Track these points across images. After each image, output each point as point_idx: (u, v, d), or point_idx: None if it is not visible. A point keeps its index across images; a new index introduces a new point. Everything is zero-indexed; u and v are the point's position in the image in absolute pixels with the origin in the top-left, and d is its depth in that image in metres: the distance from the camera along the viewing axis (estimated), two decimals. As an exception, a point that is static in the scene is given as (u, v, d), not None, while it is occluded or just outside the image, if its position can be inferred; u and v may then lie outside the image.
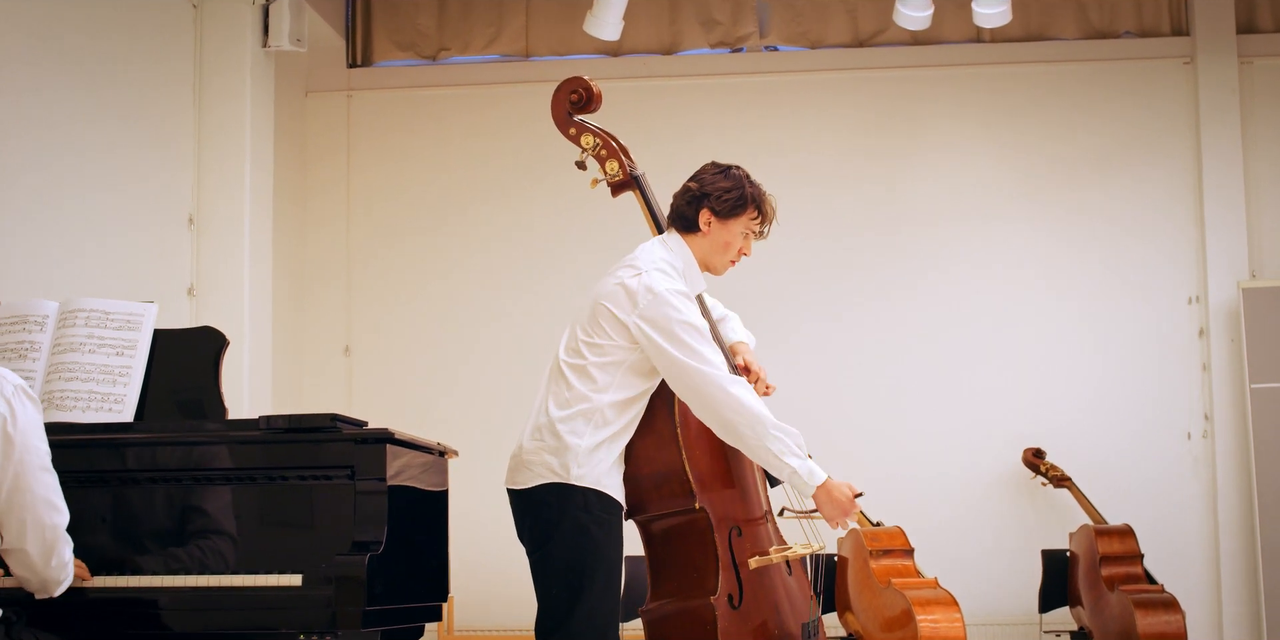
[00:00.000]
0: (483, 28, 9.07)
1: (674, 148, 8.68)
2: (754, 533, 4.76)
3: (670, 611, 4.64)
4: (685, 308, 4.55)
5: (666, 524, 4.66)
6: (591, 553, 4.48)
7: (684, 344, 4.47)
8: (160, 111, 7.24)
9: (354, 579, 4.06)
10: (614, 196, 5.01)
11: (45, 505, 3.81)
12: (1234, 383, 8.38)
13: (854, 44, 8.97)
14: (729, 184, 4.78)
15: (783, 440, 4.46)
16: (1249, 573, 8.23)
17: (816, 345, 8.62)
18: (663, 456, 4.61)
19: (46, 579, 3.91)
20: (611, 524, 4.53)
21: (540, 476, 4.53)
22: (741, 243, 4.82)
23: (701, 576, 4.59)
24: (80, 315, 4.70)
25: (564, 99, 4.95)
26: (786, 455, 4.46)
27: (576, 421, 4.51)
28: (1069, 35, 8.89)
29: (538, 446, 4.55)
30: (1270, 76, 8.70)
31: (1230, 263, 8.47)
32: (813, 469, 4.50)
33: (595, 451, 4.50)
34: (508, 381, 8.64)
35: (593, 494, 4.49)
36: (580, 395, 4.53)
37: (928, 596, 6.83)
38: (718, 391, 4.46)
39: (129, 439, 4.42)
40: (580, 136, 4.95)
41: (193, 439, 4.39)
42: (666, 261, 4.67)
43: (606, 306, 4.56)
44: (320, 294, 8.96)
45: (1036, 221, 8.72)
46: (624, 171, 4.91)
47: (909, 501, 8.22)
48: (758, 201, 4.80)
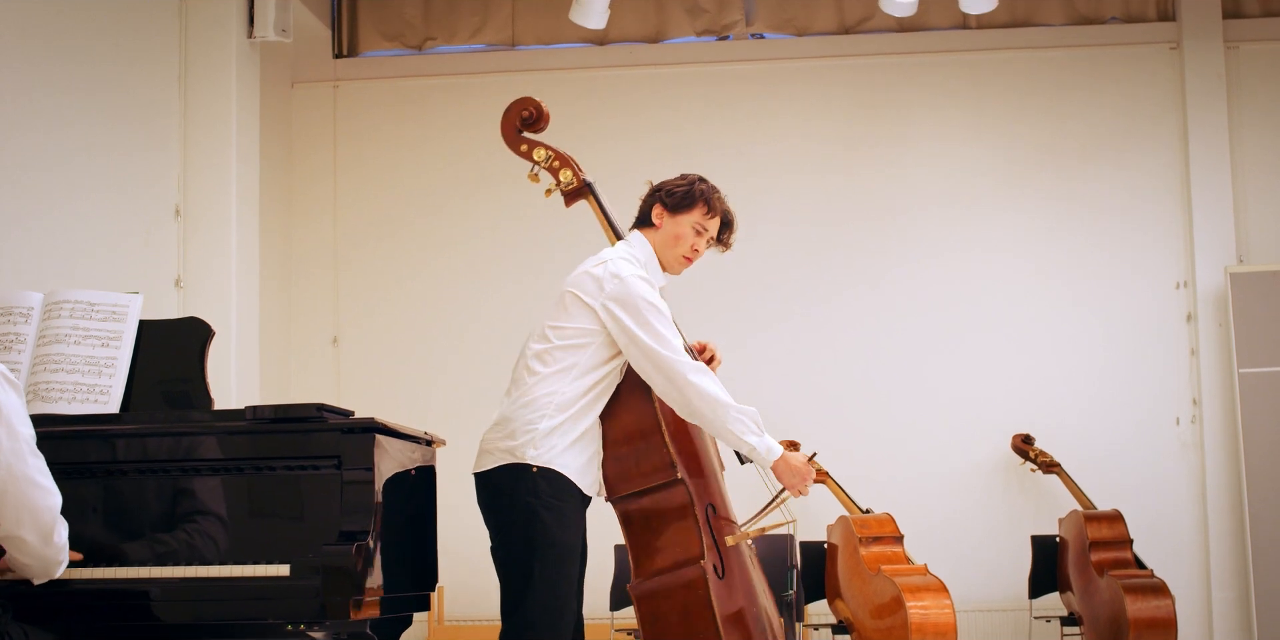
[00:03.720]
0: (469, 17, 9.06)
1: (660, 136, 8.71)
2: (725, 513, 4.92)
3: (661, 583, 4.72)
4: (649, 292, 4.73)
5: (648, 500, 4.76)
6: (541, 536, 4.59)
7: (649, 326, 4.66)
8: (146, 102, 7.22)
9: (342, 569, 4.06)
10: (568, 205, 5.21)
11: (38, 489, 3.79)
12: (1222, 368, 8.39)
13: (840, 31, 8.97)
14: (681, 181, 5.01)
15: (743, 421, 4.66)
16: (1238, 557, 8.24)
17: (804, 331, 8.62)
18: (643, 433, 4.76)
19: (47, 560, 3.89)
20: (562, 508, 4.64)
21: (497, 459, 4.67)
22: (693, 239, 4.97)
23: (686, 546, 4.71)
24: (65, 307, 4.69)
25: (515, 117, 5.18)
26: (747, 434, 4.67)
27: (537, 404, 4.65)
28: (1055, 21, 8.89)
29: (497, 431, 4.70)
30: (1256, 61, 8.70)
31: (1218, 248, 8.48)
32: (770, 445, 4.71)
33: (551, 434, 4.63)
34: (494, 371, 8.53)
35: (544, 476, 4.61)
36: (543, 377, 4.68)
37: (917, 583, 6.84)
38: (681, 376, 4.63)
39: (115, 430, 4.41)
40: (532, 151, 5.18)
41: (179, 430, 4.38)
42: (630, 254, 4.89)
43: (574, 292, 4.75)
44: (307, 284, 8.95)
45: (1023, 208, 8.72)
46: (578, 179, 5.12)
47: (898, 488, 8.24)
48: (706, 197, 4.98)
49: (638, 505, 4.78)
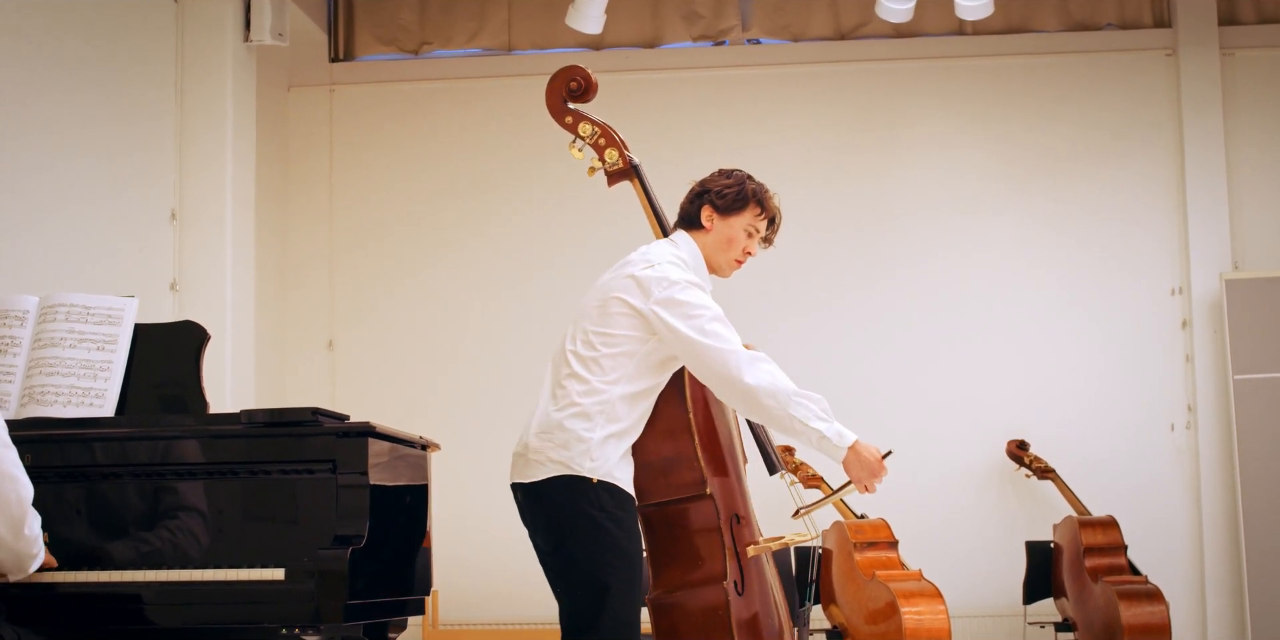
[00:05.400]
0: (465, 22, 9.06)
1: (657, 142, 8.68)
2: (749, 522, 4.81)
3: (680, 598, 4.66)
4: (700, 294, 4.56)
5: (674, 511, 4.67)
6: (611, 550, 4.46)
7: (701, 327, 4.46)
8: (142, 106, 7.22)
9: (336, 573, 4.06)
10: (610, 186, 5.02)
11: (8, 479, 3.77)
12: (1217, 374, 8.39)
13: (836, 37, 8.98)
14: (729, 181, 4.82)
15: (806, 406, 4.44)
16: (1232, 563, 8.24)
17: (799, 337, 8.61)
18: (675, 442, 4.63)
19: (19, 553, 3.85)
20: (625, 519, 4.51)
21: (550, 470, 4.50)
22: (745, 241, 4.82)
23: (710, 562, 4.63)
24: (61, 310, 4.69)
25: (561, 87, 4.96)
26: (812, 420, 4.45)
27: (588, 414, 4.48)
28: (1051, 27, 8.90)
29: (546, 441, 4.51)
30: (1252, 68, 8.72)
31: (1213, 254, 8.48)
32: (841, 431, 4.49)
33: (605, 444, 4.48)
34: (490, 376, 8.64)
35: (604, 488, 4.47)
36: (592, 388, 4.50)
37: (912, 589, 6.84)
38: (738, 370, 4.44)
39: (110, 434, 4.41)
40: (578, 124, 4.96)
41: (174, 433, 4.37)
42: (676, 256, 4.69)
43: (621, 297, 4.54)
44: (303, 288, 8.95)
45: (1019, 214, 8.73)
46: (624, 160, 4.95)
47: (893, 494, 8.13)
48: (759, 197, 4.82)
49: (661, 514, 4.69)
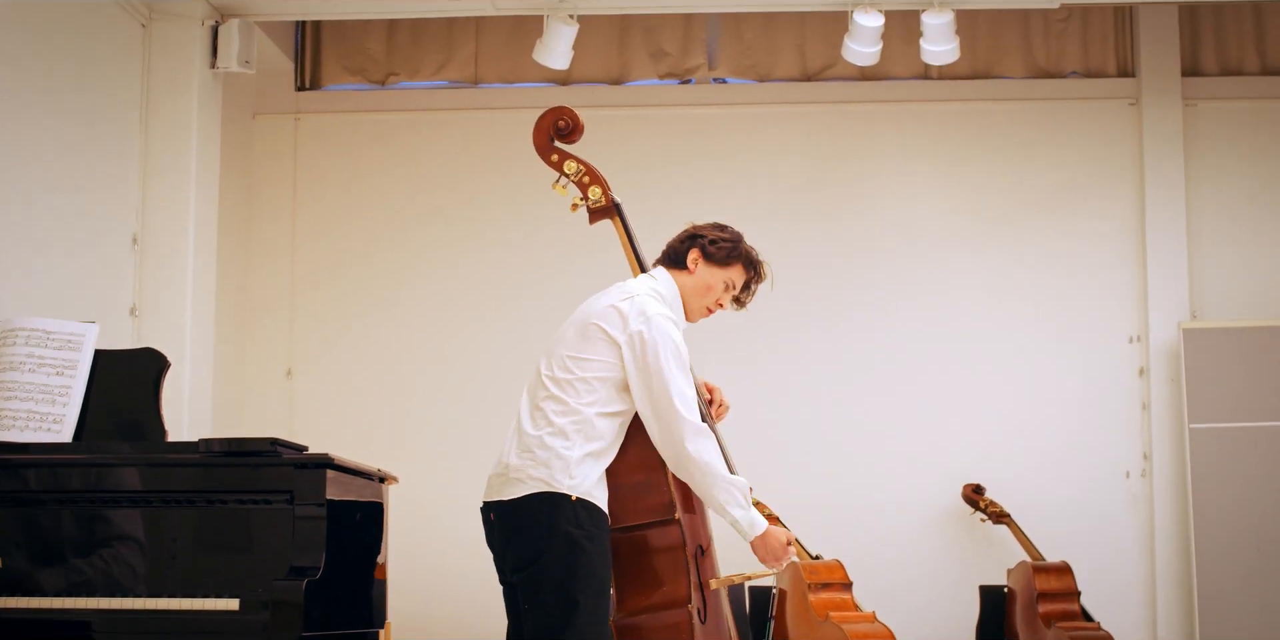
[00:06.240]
0: (433, 54, 9.07)
1: (621, 178, 8.58)
2: (710, 556, 4.85)
3: (644, 621, 4.69)
4: (674, 333, 4.68)
5: (641, 535, 4.71)
6: (584, 567, 4.52)
7: (666, 371, 4.59)
8: (106, 130, 7.19)
9: (291, 604, 4.05)
10: (591, 222, 5.13)
11: None
12: (1173, 423, 8.43)
13: (802, 78, 9.01)
14: (725, 235, 4.99)
15: (730, 492, 4.61)
16: (1184, 611, 8.27)
17: (756, 377, 8.59)
18: (646, 468, 4.69)
19: None
20: (601, 538, 4.58)
21: (529, 487, 4.55)
22: (721, 293, 4.94)
23: (674, 587, 4.67)
24: (21, 334, 4.67)
25: (549, 126, 5.16)
26: (732, 506, 4.62)
27: (566, 432, 4.57)
28: (1016, 74, 8.96)
29: (526, 460, 4.58)
30: (1214, 119, 8.78)
31: (1172, 303, 8.53)
32: (754, 520, 4.66)
33: (583, 462, 4.56)
34: (450, 407, 8.61)
35: (583, 505, 4.53)
36: (569, 408, 4.59)
37: (865, 630, 6.84)
38: (680, 433, 4.58)
39: (67, 459, 4.39)
40: (563, 162, 5.14)
41: (131, 460, 4.35)
42: (655, 290, 4.82)
43: (599, 325, 4.66)
44: (263, 316, 8.90)
45: (980, 258, 8.76)
46: (607, 198, 5.10)
47: (848, 535, 8.23)
48: (749, 259, 4.99)
49: (629, 538, 4.72)
